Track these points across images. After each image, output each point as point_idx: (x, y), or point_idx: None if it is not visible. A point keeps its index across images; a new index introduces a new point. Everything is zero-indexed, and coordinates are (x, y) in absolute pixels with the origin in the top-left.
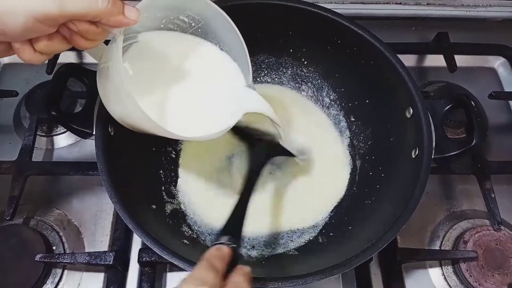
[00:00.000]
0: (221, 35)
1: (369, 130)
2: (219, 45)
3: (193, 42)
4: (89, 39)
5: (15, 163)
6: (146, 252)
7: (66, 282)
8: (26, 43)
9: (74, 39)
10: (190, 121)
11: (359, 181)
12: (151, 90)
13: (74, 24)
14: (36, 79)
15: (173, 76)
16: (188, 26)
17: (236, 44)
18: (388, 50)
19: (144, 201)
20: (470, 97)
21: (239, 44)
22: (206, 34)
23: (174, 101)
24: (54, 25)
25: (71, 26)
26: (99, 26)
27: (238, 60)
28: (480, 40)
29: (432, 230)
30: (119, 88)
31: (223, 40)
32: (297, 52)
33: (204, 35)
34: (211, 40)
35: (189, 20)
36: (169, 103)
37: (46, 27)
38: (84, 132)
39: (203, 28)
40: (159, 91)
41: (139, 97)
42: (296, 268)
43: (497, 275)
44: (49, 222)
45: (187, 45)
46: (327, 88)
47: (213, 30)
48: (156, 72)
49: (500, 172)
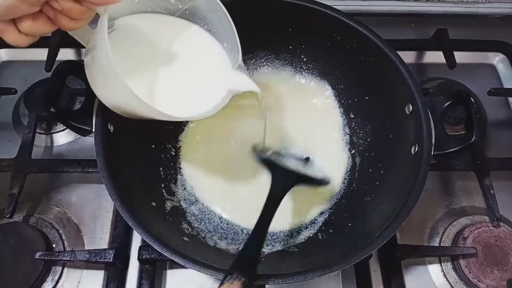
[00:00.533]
0: (209, 16)
1: (368, 127)
2: (207, 26)
3: (181, 25)
4: (73, 18)
5: (15, 160)
6: (146, 250)
7: (66, 280)
8: (10, 24)
9: (59, 19)
10: (180, 103)
11: (358, 178)
12: (139, 73)
13: (57, 2)
14: (35, 76)
15: (161, 59)
16: (175, 8)
17: (224, 24)
18: (387, 47)
19: (144, 199)
20: (469, 93)
21: (227, 23)
22: (193, 16)
23: (163, 84)
24: (36, 4)
25: (54, 5)
26: (83, 4)
27: (227, 41)
28: (480, 36)
29: (431, 226)
30: (106, 69)
31: (211, 21)
32: (296, 49)
33: (192, 17)
34: (199, 23)
35: (176, 1)
36: (158, 86)
37: (28, 6)
38: (83, 130)
39: (190, 10)
40: (147, 74)
41: (128, 80)
42: (295, 265)
43: (496, 272)
44: (48, 220)
45: (175, 28)
46: (326, 84)
47: (201, 11)
48: (143, 55)
49: (499, 168)
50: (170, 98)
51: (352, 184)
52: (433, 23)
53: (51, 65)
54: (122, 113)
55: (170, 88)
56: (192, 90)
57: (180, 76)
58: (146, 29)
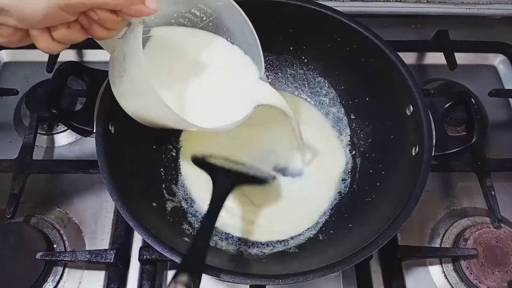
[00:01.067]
0: (233, 28)
1: (369, 127)
2: (230, 38)
3: (205, 37)
4: (107, 28)
5: (16, 161)
6: (147, 250)
7: (67, 280)
8: (44, 31)
9: (93, 28)
10: (206, 113)
11: (359, 178)
12: (167, 83)
13: (94, 13)
14: (37, 77)
15: (187, 71)
16: (199, 20)
17: (248, 36)
18: (388, 48)
19: (145, 199)
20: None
21: (251, 37)
22: (217, 28)
23: (190, 95)
24: (75, 13)
25: (91, 15)
26: (119, 15)
27: (249, 53)
28: (480, 37)
29: (432, 227)
30: (137, 80)
31: (234, 34)
32: (297, 50)
33: (215, 29)
34: (222, 34)
35: (201, 13)
36: (185, 97)
37: (67, 15)
38: (84, 130)
39: (214, 22)
40: (174, 85)
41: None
42: (296, 266)
43: (497, 273)
44: (49, 220)
45: (199, 39)
46: (327, 85)
47: (225, 23)
48: (169, 67)
49: (500, 169)
50: (197, 108)
51: (353, 185)
52: (434, 24)
53: (52, 66)
54: (145, 122)
55: (197, 99)
56: (219, 101)
57: (207, 87)
58: (172, 41)
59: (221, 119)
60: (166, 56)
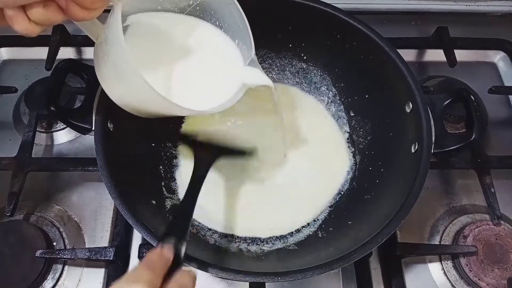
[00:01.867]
0: (220, 11)
1: (368, 125)
2: (218, 22)
3: (192, 22)
4: (85, 7)
5: (15, 159)
6: (147, 248)
7: (67, 278)
8: (19, 11)
9: (70, 8)
10: (195, 97)
11: (358, 176)
12: (152, 68)
13: None
14: (35, 75)
15: (174, 56)
16: (186, 5)
17: (236, 18)
18: (387, 45)
19: (144, 197)
20: (470, 91)
21: (239, 18)
22: (204, 12)
23: (177, 79)
24: None
25: None
26: None
27: (239, 36)
28: (480, 34)
29: (431, 225)
30: (120, 61)
31: (222, 17)
32: (296, 47)
33: (202, 13)
34: (209, 19)
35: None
36: (171, 81)
37: None
38: (83, 128)
39: (201, 6)
40: (160, 70)
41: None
42: (295, 263)
43: (496, 270)
44: (49, 218)
45: (187, 25)
46: (327, 83)
47: (212, 6)
48: (155, 51)
49: (500, 166)
50: (184, 93)
51: (352, 182)
52: (434, 21)
53: (51, 63)
54: (132, 110)
55: (184, 83)
56: (206, 85)
57: (194, 72)
58: (157, 27)
59: (209, 102)
60: (150, 41)
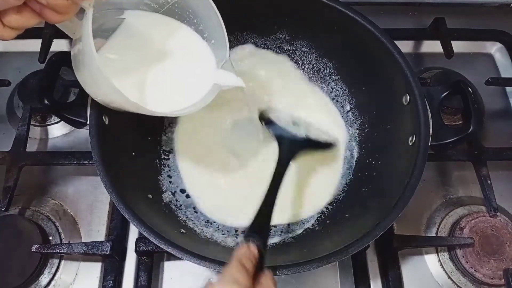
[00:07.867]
0: (198, 11)
1: (365, 117)
2: (196, 20)
3: (169, 24)
4: (59, 12)
5: (9, 153)
6: (143, 242)
7: (63, 272)
8: None
9: (44, 12)
10: (166, 99)
11: (355, 168)
12: (127, 73)
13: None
14: (29, 68)
15: (149, 57)
16: (164, 2)
17: (213, 19)
18: (384, 36)
19: (140, 191)
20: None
21: (215, 19)
22: (183, 11)
23: (151, 82)
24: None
25: None
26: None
27: (215, 37)
28: (477, 25)
29: (428, 217)
30: (93, 71)
31: (199, 17)
32: (293, 39)
33: (181, 12)
34: (186, 19)
35: None
36: (145, 84)
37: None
38: (77, 122)
39: (179, 5)
40: (135, 74)
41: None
42: (293, 256)
43: (493, 261)
44: (44, 213)
45: (163, 26)
46: (323, 75)
47: (190, 5)
48: (132, 55)
49: (496, 158)
50: (158, 95)
51: (350, 175)
52: (431, 12)
53: (44, 56)
54: (117, 109)
55: (158, 86)
56: (178, 87)
57: (167, 74)
58: (134, 27)
59: (181, 103)
60: (130, 43)
